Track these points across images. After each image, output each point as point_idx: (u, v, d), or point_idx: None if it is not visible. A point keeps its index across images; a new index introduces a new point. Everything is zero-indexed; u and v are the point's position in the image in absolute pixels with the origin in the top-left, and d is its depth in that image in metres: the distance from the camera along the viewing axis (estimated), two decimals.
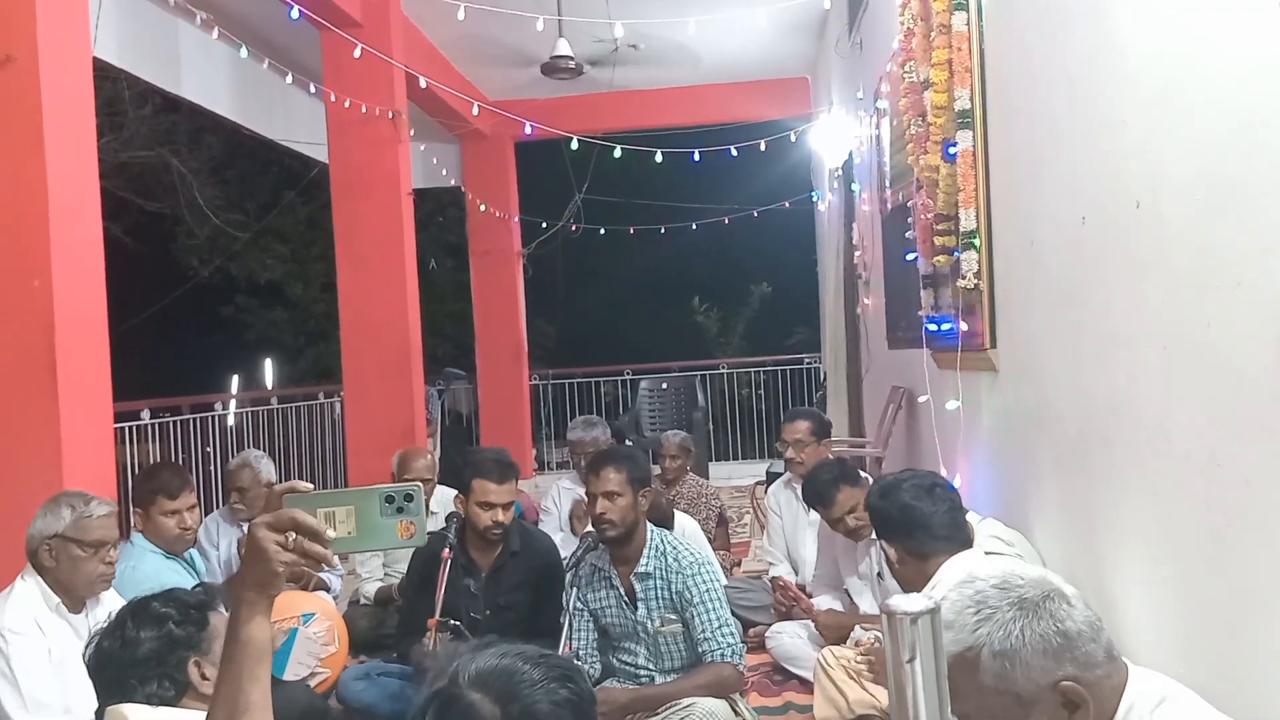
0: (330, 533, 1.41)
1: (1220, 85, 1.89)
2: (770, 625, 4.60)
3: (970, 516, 3.17)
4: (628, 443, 8.45)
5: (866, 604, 4.11)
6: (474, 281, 10.57)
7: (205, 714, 1.50)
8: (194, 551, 4.05)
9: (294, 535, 1.40)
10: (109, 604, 3.12)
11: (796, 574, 5.02)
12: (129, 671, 1.96)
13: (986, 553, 2.96)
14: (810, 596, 4.59)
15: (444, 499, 5.29)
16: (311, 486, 1.47)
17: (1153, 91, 2.19)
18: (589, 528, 3.67)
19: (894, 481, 2.88)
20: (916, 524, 2.73)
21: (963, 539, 2.76)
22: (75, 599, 3.00)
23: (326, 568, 4.77)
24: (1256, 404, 1.78)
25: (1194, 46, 1.99)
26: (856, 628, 4.01)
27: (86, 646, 2.05)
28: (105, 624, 2.05)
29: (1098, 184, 2.54)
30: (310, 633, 3.89)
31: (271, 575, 1.39)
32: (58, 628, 2.94)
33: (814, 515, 4.85)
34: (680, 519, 4.85)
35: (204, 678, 1.99)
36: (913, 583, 2.75)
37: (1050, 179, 2.92)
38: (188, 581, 3.81)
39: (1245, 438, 1.83)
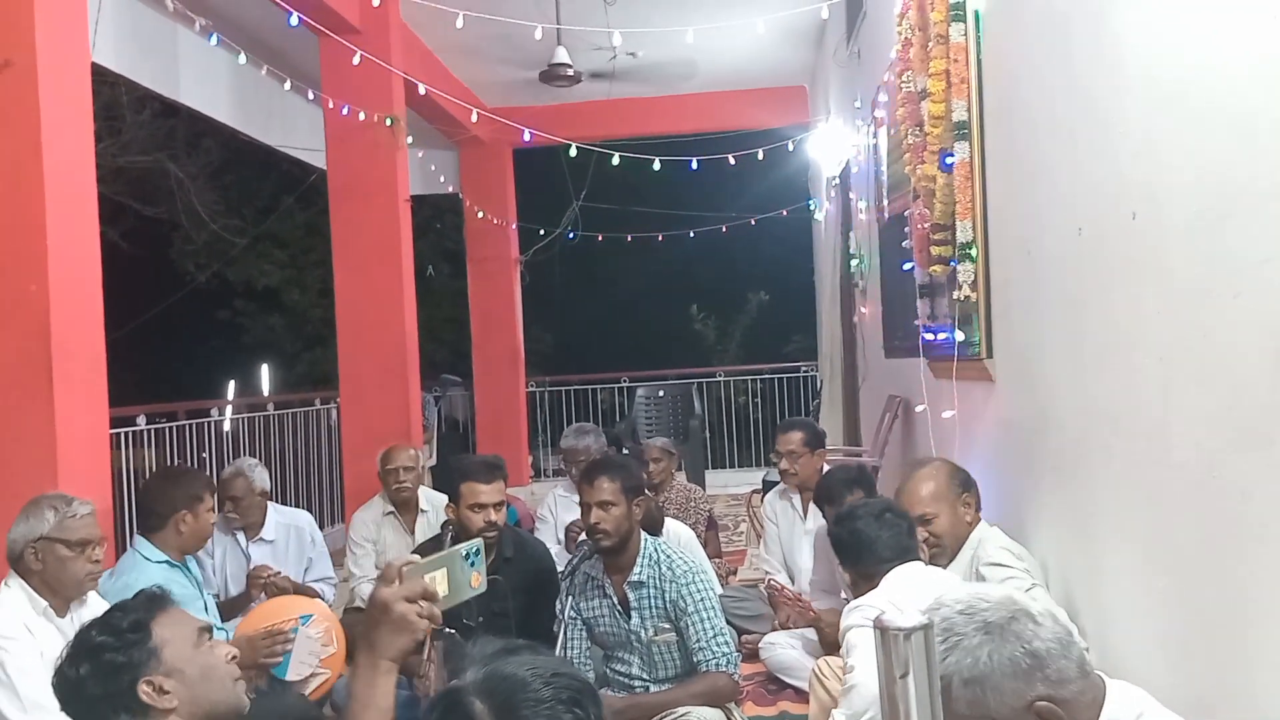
0: (440, 595, 1.58)
1: (1218, 96, 1.89)
2: (765, 635, 4.60)
3: (981, 526, 3.17)
4: (624, 451, 8.45)
5: None
6: (471, 288, 10.57)
7: None
8: (191, 559, 4.05)
9: (425, 604, 1.55)
10: (96, 607, 3.11)
11: (793, 582, 5.01)
12: (91, 710, 1.90)
13: (993, 563, 2.96)
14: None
15: (435, 501, 5.31)
16: (419, 558, 1.62)
17: (1150, 102, 2.20)
18: (584, 537, 3.66)
19: (849, 510, 3.03)
20: (863, 547, 2.89)
21: (909, 560, 2.88)
22: (62, 601, 3.00)
23: (319, 580, 4.73)
24: (1255, 414, 1.78)
25: (1192, 58, 2.00)
26: None
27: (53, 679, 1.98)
28: (61, 659, 1.98)
29: (1094, 194, 2.54)
30: (310, 633, 3.88)
31: (415, 644, 1.53)
32: (46, 631, 2.93)
33: (810, 524, 4.86)
34: (676, 527, 4.83)
35: (163, 691, 1.92)
36: None
37: (1047, 189, 2.93)
38: (192, 592, 3.80)
39: (1244, 448, 1.83)
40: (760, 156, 8.07)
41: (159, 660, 1.94)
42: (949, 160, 3.68)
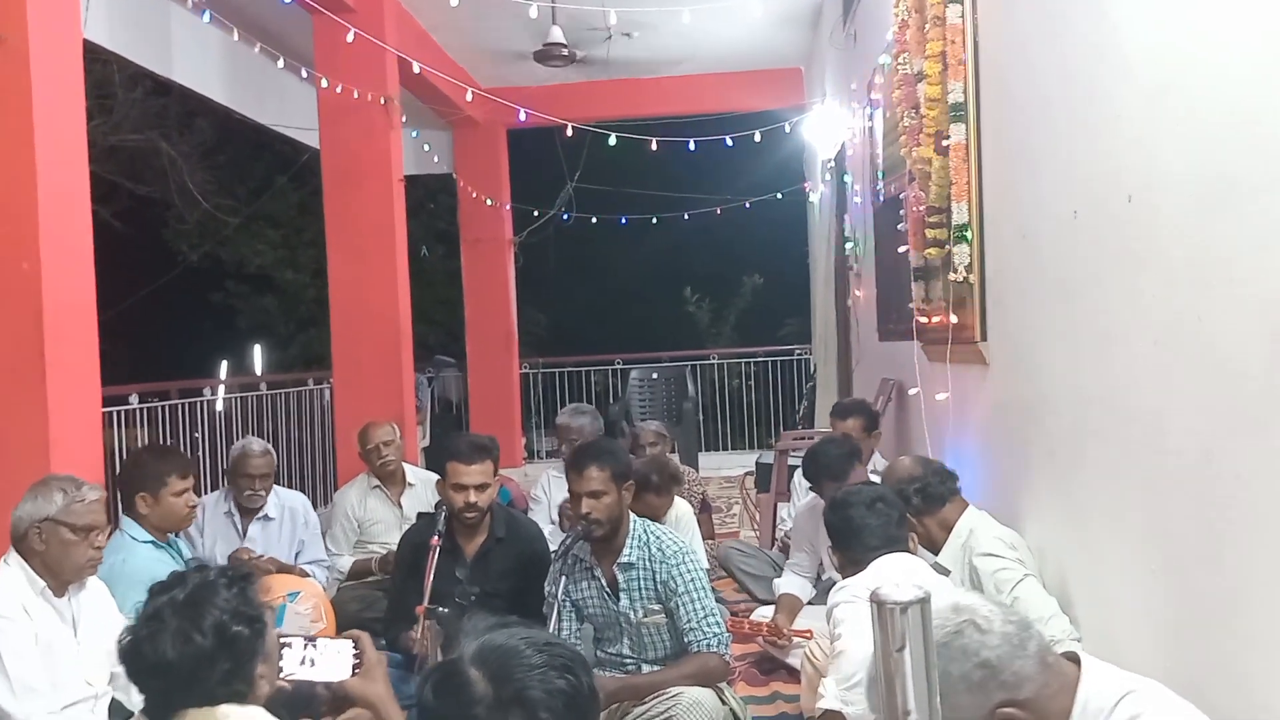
0: None
1: (1216, 81, 1.88)
2: (759, 607, 4.64)
3: (970, 511, 3.19)
4: (623, 426, 8.46)
5: None
6: (465, 269, 10.54)
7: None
8: (180, 542, 4.04)
9: None
10: (93, 589, 3.11)
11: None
12: (201, 683, 1.87)
13: (986, 554, 2.97)
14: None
15: (423, 477, 5.35)
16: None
17: (1149, 86, 2.19)
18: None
19: (844, 496, 3.09)
20: (852, 534, 2.96)
21: (897, 550, 2.94)
22: (60, 583, 2.98)
23: (312, 562, 4.70)
24: (1250, 399, 1.78)
25: (1191, 42, 1.99)
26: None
27: (123, 644, 1.91)
28: (144, 626, 1.90)
29: (1091, 178, 2.54)
30: (299, 609, 3.88)
31: None
32: (43, 611, 2.92)
33: None
34: (676, 504, 4.85)
35: (262, 678, 1.95)
36: None
37: (1043, 172, 2.92)
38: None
39: (1239, 433, 1.83)
40: (757, 138, 8.05)
41: (265, 645, 1.97)
42: (945, 142, 3.67)
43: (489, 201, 10.00)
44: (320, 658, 2.06)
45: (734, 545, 5.11)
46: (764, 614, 4.47)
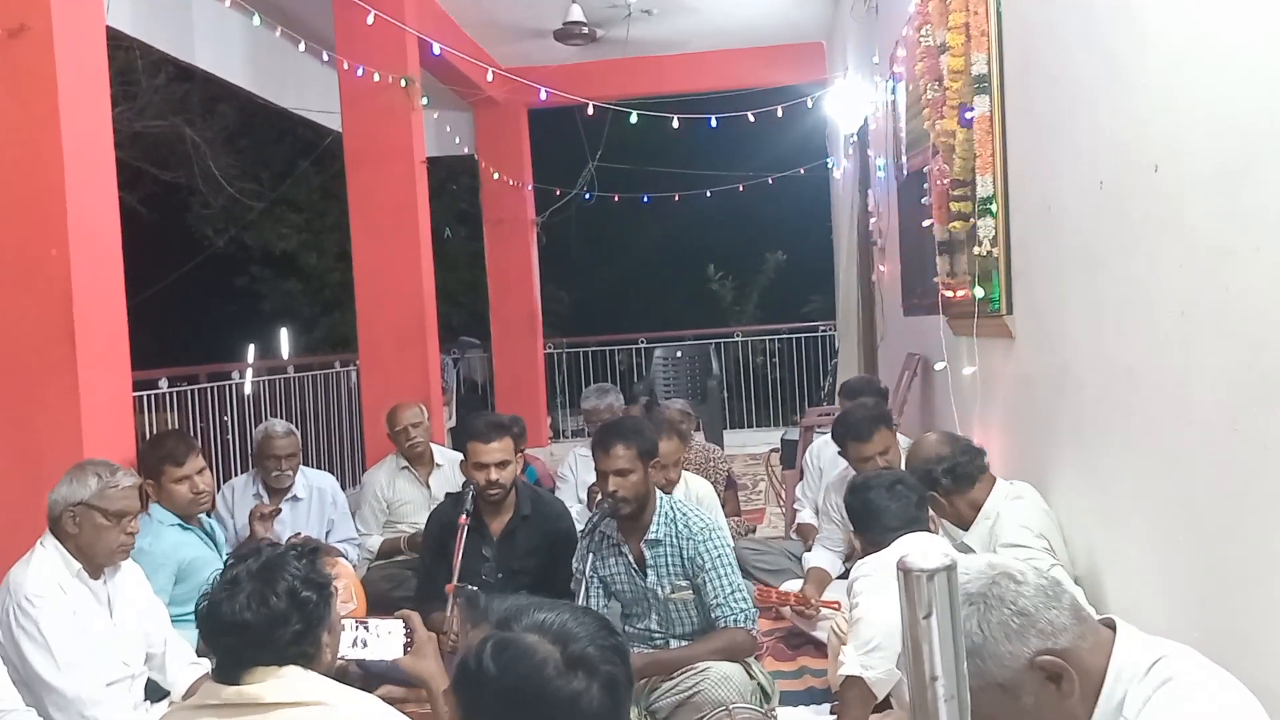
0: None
1: (1240, 49, 1.86)
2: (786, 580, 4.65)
3: (998, 488, 3.19)
4: (644, 399, 8.47)
5: None
6: (488, 250, 10.55)
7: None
8: (213, 522, 4.09)
9: None
10: (128, 571, 3.16)
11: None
12: (271, 644, 1.98)
13: (1011, 544, 2.97)
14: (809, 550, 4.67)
15: (450, 457, 5.39)
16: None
17: (1172, 54, 2.17)
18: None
19: (864, 480, 3.16)
20: (872, 517, 3.02)
21: (917, 530, 2.99)
22: (95, 566, 3.03)
23: (342, 541, 4.73)
24: (1276, 369, 1.77)
25: (1214, 9, 1.97)
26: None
27: (200, 606, 2.03)
28: (222, 590, 2.01)
29: (1116, 148, 2.52)
30: None
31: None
32: (78, 592, 2.97)
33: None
34: (696, 483, 4.85)
35: (326, 646, 2.06)
36: None
37: (1068, 144, 2.90)
38: (208, 553, 3.85)
39: (1265, 403, 1.82)
40: (779, 114, 8.00)
41: (331, 613, 2.08)
42: (969, 115, 3.64)
43: (511, 182, 10.00)
44: (372, 638, 2.19)
45: (746, 545, 5.09)
46: (792, 586, 4.47)
